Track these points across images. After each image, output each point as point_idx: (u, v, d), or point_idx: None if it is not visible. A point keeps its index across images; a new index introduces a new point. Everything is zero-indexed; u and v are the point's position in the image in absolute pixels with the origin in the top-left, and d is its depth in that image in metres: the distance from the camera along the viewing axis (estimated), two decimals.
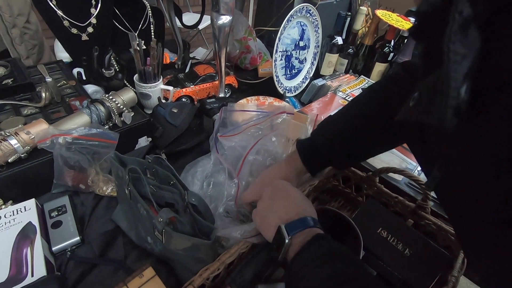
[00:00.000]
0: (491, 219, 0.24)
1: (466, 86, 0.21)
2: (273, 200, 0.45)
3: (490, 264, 0.26)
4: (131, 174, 0.49)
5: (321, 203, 0.72)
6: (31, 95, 0.73)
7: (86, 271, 0.51)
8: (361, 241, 0.50)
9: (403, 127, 0.41)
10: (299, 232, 0.39)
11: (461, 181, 0.28)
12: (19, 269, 0.46)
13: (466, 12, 0.20)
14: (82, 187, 0.62)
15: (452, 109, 0.21)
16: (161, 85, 0.83)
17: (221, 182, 0.62)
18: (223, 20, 0.79)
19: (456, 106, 0.21)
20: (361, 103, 0.55)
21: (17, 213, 0.53)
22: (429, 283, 0.50)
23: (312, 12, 0.98)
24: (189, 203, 0.47)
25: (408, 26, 1.04)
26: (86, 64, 0.83)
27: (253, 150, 0.64)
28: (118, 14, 0.88)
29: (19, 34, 1.09)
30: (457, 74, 0.20)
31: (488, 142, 0.23)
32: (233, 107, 0.76)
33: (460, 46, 0.20)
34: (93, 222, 0.58)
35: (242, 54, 1.15)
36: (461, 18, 0.20)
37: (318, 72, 1.20)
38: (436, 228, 0.57)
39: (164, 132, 0.74)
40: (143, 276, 0.46)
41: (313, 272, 0.35)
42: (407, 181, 0.70)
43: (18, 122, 0.62)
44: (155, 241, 0.50)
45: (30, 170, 0.57)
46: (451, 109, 0.21)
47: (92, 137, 0.61)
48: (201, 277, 0.41)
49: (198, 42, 2.59)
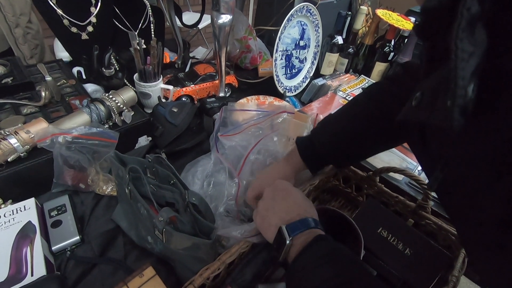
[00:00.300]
0: (493, 220, 0.24)
1: (473, 85, 0.20)
2: (274, 200, 0.45)
3: (491, 265, 0.26)
4: (131, 174, 0.48)
5: (321, 203, 0.72)
6: (31, 94, 0.73)
7: (86, 270, 0.51)
8: (361, 240, 0.49)
9: (404, 127, 0.40)
10: (300, 233, 0.39)
11: (464, 182, 0.28)
12: (18, 268, 0.46)
13: (474, 8, 0.19)
14: (82, 187, 0.62)
15: (459, 108, 0.21)
16: (161, 85, 0.83)
17: (221, 182, 0.62)
18: (223, 19, 0.79)
19: (463, 105, 0.21)
20: (361, 102, 0.55)
21: (17, 213, 0.53)
22: (430, 283, 0.50)
23: (313, 12, 0.98)
24: (190, 203, 0.46)
25: (408, 26, 1.04)
26: (86, 63, 0.83)
27: (254, 150, 0.64)
28: (118, 13, 0.87)
29: (22, 33, 1.09)
30: (465, 72, 0.20)
31: (492, 143, 0.23)
32: (233, 106, 0.76)
33: (467, 44, 0.20)
34: (93, 221, 0.58)
35: (242, 53, 1.15)
36: (469, 15, 0.19)
37: (318, 71, 1.20)
38: (437, 228, 0.57)
39: (164, 132, 0.74)
40: (143, 275, 0.46)
41: (313, 273, 0.35)
42: (407, 181, 0.70)
43: (18, 121, 0.62)
44: (156, 241, 0.50)
45: (29, 169, 0.57)
46: (458, 108, 0.21)
47: (92, 136, 0.61)
48: (202, 277, 0.41)
49: (198, 42, 2.58)
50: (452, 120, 0.21)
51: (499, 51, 0.21)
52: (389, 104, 0.50)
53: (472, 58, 0.20)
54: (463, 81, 0.20)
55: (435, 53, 0.29)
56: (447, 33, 0.20)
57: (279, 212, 0.43)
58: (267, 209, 0.45)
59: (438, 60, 0.29)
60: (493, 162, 0.23)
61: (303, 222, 0.40)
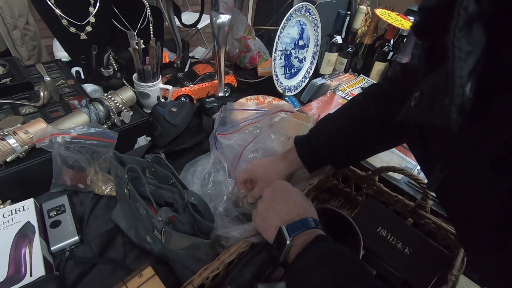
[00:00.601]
0: (493, 220, 0.24)
1: (471, 84, 0.20)
2: (274, 201, 0.45)
3: (491, 265, 0.26)
4: (130, 174, 0.48)
5: (321, 202, 0.72)
6: (30, 94, 0.73)
7: (85, 270, 0.51)
8: (360, 240, 0.50)
9: (403, 127, 0.40)
10: (300, 233, 0.39)
11: (463, 182, 0.28)
12: (17, 268, 0.46)
13: (471, 7, 0.19)
14: (81, 187, 0.62)
15: (457, 107, 0.21)
16: (160, 84, 0.82)
17: (220, 181, 0.62)
18: (222, 19, 0.79)
19: (461, 104, 0.20)
20: (361, 103, 0.55)
21: (16, 213, 0.53)
22: (429, 282, 0.50)
23: (312, 11, 0.98)
24: (189, 202, 0.46)
25: (407, 25, 1.04)
26: (84, 63, 0.83)
27: (252, 148, 0.64)
28: (117, 13, 0.87)
29: (20, 35, 1.09)
30: (462, 71, 0.20)
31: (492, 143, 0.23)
32: (232, 106, 0.76)
33: (465, 43, 0.20)
34: (92, 221, 0.58)
35: (242, 53, 1.15)
36: (466, 14, 0.19)
37: (318, 71, 1.19)
38: (436, 227, 0.57)
39: (163, 132, 0.74)
40: (142, 275, 0.46)
41: (314, 274, 0.35)
42: (406, 180, 0.70)
43: (17, 121, 0.62)
44: (155, 241, 0.50)
45: (28, 169, 0.57)
46: (455, 107, 0.21)
47: (91, 136, 0.61)
48: (201, 277, 0.41)
49: (198, 41, 2.58)
50: (450, 119, 0.21)
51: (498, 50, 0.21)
52: (389, 105, 0.49)
53: (469, 57, 0.20)
54: (461, 80, 0.20)
55: (433, 52, 0.29)
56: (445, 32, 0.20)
57: (279, 213, 0.43)
58: (267, 209, 0.45)
59: (437, 59, 0.28)
60: (492, 162, 0.23)
61: (303, 222, 0.40)
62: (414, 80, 0.32)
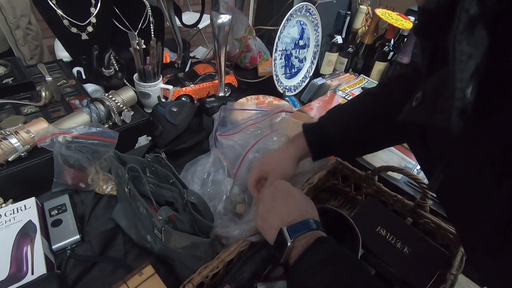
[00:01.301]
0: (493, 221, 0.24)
1: (472, 87, 0.20)
2: (274, 202, 0.45)
3: (491, 264, 0.26)
4: (130, 173, 0.49)
5: (320, 202, 0.72)
6: (31, 94, 0.73)
7: (86, 269, 0.51)
8: (359, 239, 0.50)
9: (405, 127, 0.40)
10: (301, 235, 0.39)
11: (465, 183, 0.28)
12: (19, 267, 0.46)
13: (473, 10, 0.19)
14: (82, 186, 0.62)
15: (458, 111, 0.20)
16: (161, 84, 0.83)
17: (220, 181, 0.62)
18: (222, 19, 0.79)
19: (462, 107, 0.20)
20: (373, 96, 0.54)
21: (17, 212, 0.53)
22: (428, 281, 0.50)
23: (312, 11, 0.98)
24: (189, 202, 0.47)
25: (408, 25, 1.04)
26: (86, 63, 0.84)
27: (253, 149, 0.64)
28: (118, 13, 0.88)
29: (23, 35, 1.09)
30: (463, 74, 0.20)
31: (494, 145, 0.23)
32: (232, 105, 0.76)
33: (466, 46, 0.19)
34: (93, 220, 0.59)
35: (242, 53, 1.15)
36: (467, 17, 0.19)
37: (318, 71, 1.20)
38: (435, 227, 0.57)
39: (164, 131, 0.75)
40: (142, 274, 0.46)
41: (315, 276, 0.35)
42: (406, 180, 0.70)
43: (18, 121, 0.63)
44: (155, 240, 0.50)
45: (30, 169, 0.57)
46: (456, 110, 0.20)
47: (92, 136, 0.61)
48: (200, 275, 0.41)
49: (198, 41, 2.59)
50: (450, 122, 0.21)
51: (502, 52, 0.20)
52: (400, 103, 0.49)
53: (471, 59, 0.20)
54: (461, 84, 0.20)
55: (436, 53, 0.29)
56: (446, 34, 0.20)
57: (279, 214, 0.43)
58: (268, 210, 0.44)
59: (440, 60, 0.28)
60: (494, 164, 0.23)
61: (304, 223, 0.40)
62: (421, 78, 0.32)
